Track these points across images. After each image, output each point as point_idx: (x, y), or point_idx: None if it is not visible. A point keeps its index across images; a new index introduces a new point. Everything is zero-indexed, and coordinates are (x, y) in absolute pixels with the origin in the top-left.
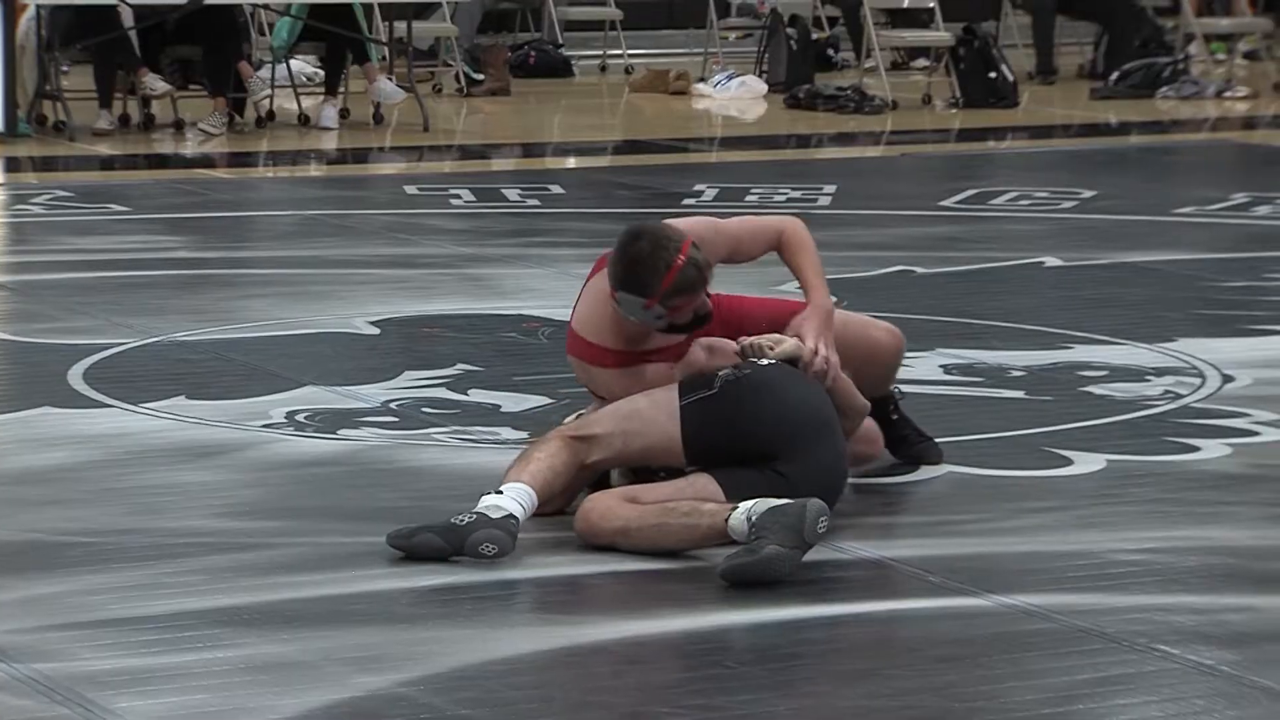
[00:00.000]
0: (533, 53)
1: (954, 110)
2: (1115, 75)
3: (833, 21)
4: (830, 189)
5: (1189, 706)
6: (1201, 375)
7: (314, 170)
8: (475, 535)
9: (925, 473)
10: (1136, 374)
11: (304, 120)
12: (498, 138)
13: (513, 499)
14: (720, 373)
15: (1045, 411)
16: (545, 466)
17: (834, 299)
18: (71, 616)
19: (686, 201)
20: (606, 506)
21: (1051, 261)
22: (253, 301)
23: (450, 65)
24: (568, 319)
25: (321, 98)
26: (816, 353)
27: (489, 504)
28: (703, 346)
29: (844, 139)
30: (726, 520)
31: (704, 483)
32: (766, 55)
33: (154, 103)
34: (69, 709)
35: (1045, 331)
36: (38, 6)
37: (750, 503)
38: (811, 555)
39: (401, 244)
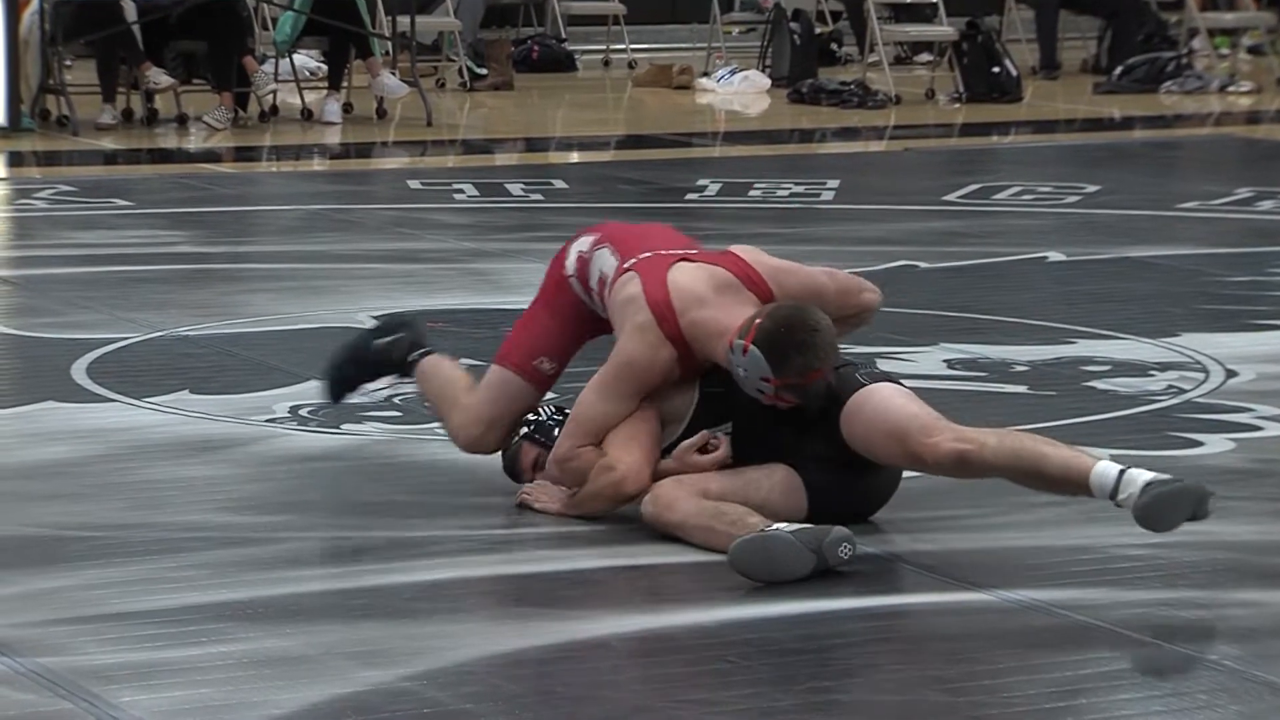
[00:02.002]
0: (536, 47)
1: (957, 105)
2: (1119, 70)
3: (836, 16)
4: (833, 184)
5: (1192, 701)
6: (1205, 370)
7: (317, 165)
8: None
9: None
10: (1140, 369)
11: (307, 115)
12: (501, 132)
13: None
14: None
15: (1048, 406)
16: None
17: None
18: (75, 611)
19: (689, 196)
20: (672, 498)
21: (1055, 256)
22: (256, 296)
23: (453, 60)
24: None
25: (325, 92)
26: None
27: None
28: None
29: (847, 134)
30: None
31: (783, 476)
32: (770, 50)
33: (157, 97)
34: (73, 703)
35: (1048, 326)
36: (41, 1)
37: (789, 526)
38: None
39: (405, 239)
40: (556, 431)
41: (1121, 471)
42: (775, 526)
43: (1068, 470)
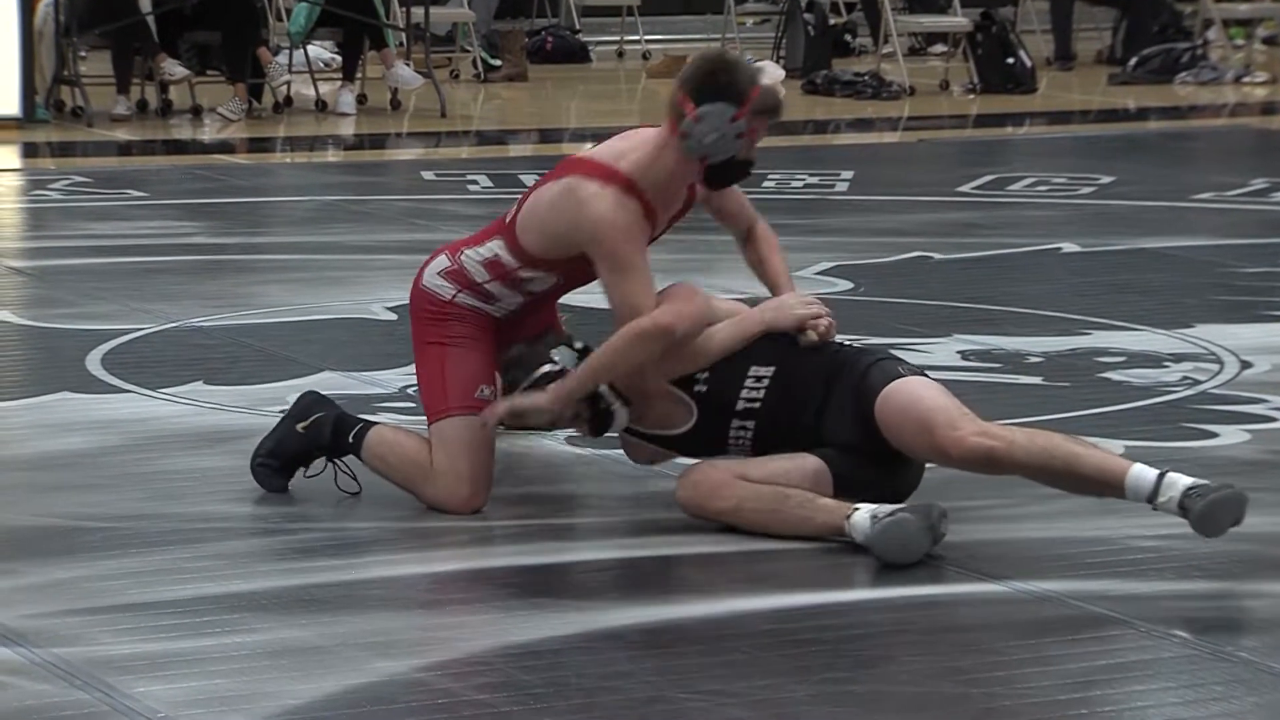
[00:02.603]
0: (550, 38)
1: (972, 96)
2: (1134, 61)
3: (850, 7)
4: (847, 175)
5: (1207, 693)
6: (1220, 361)
7: (331, 156)
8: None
9: None
10: (1154, 360)
11: (321, 106)
12: (515, 123)
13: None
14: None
15: (1063, 397)
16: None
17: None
18: (90, 601)
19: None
20: (717, 483)
21: (1069, 247)
22: (270, 287)
23: (468, 51)
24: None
25: (339, 83)
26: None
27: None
28: (771, 308)
29: (861, 124)
30: (848, 518)
31: (814, 467)
32: (784, 41)
33: (172, 88)
34: (88, 693)
35: (1063, 317)
36: None
37: (874, 507)
38: (829, 542)
39: (418, 230)
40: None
41: (1160, 475)
42: (861, 510)
43: (1102, 471)
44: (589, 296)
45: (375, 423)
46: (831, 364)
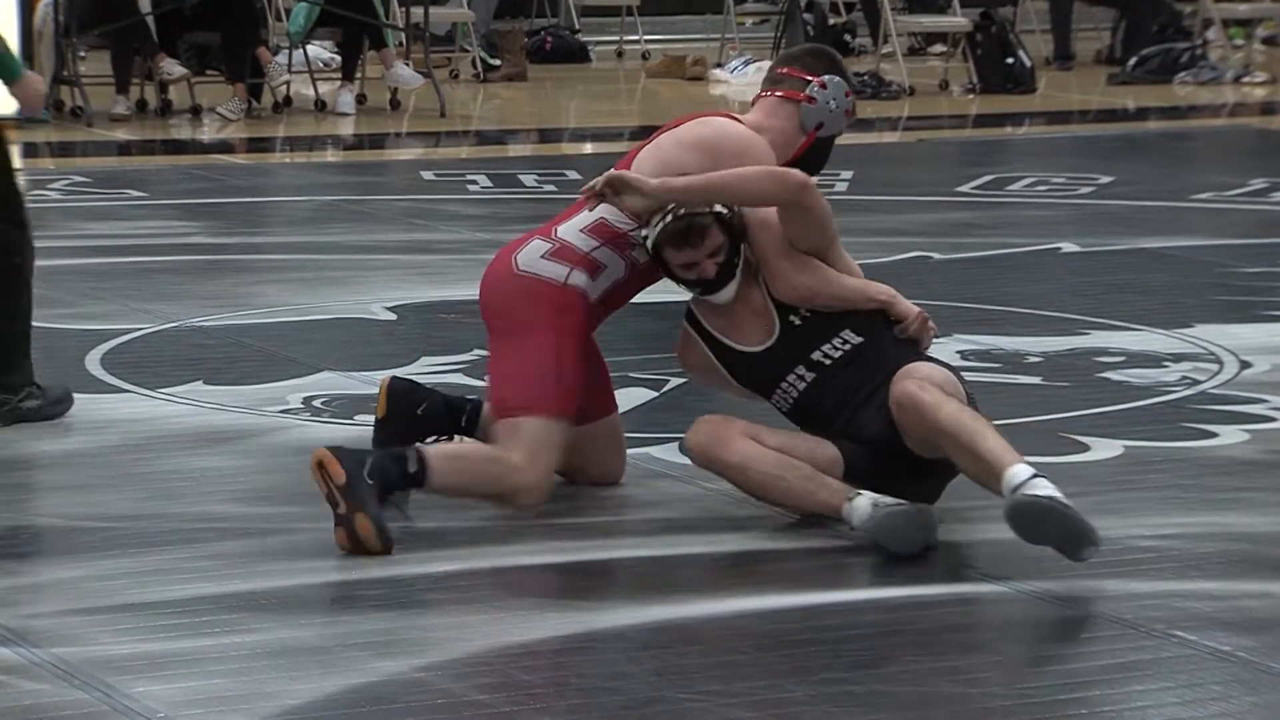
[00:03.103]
0: (549, 38)
1: (971, 96)
2: (1133, 60)
3: (850, 7)
4: (847, 175)
5: (1206, 693)
6: (1219, 361)
7: (331, 156)
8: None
9: None
10: (1154, 360)
11: (321, 106)
12: (514, 123)
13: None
14: None
15: (1062, 397)
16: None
17: None
18: (90, 601)
19: None
20: (728, 437)
21: (1069, 247)
22: (269, 287)
23: (467, 50)
24: None
25: (338, 83)
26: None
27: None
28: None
29: (861, 124)
30: (849, 500)
31: (826, 451)
32: (783, 40)
33: (171, 88)
34: (87, 693)
35: (1062, 317)
36: None
37: (877, 495)
38: (829, 542)
39: (418, 229)
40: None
41: (1030, 478)
42: (872, 495)
43: (994, 456)
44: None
45: (423, 451)
46: (898, 362)
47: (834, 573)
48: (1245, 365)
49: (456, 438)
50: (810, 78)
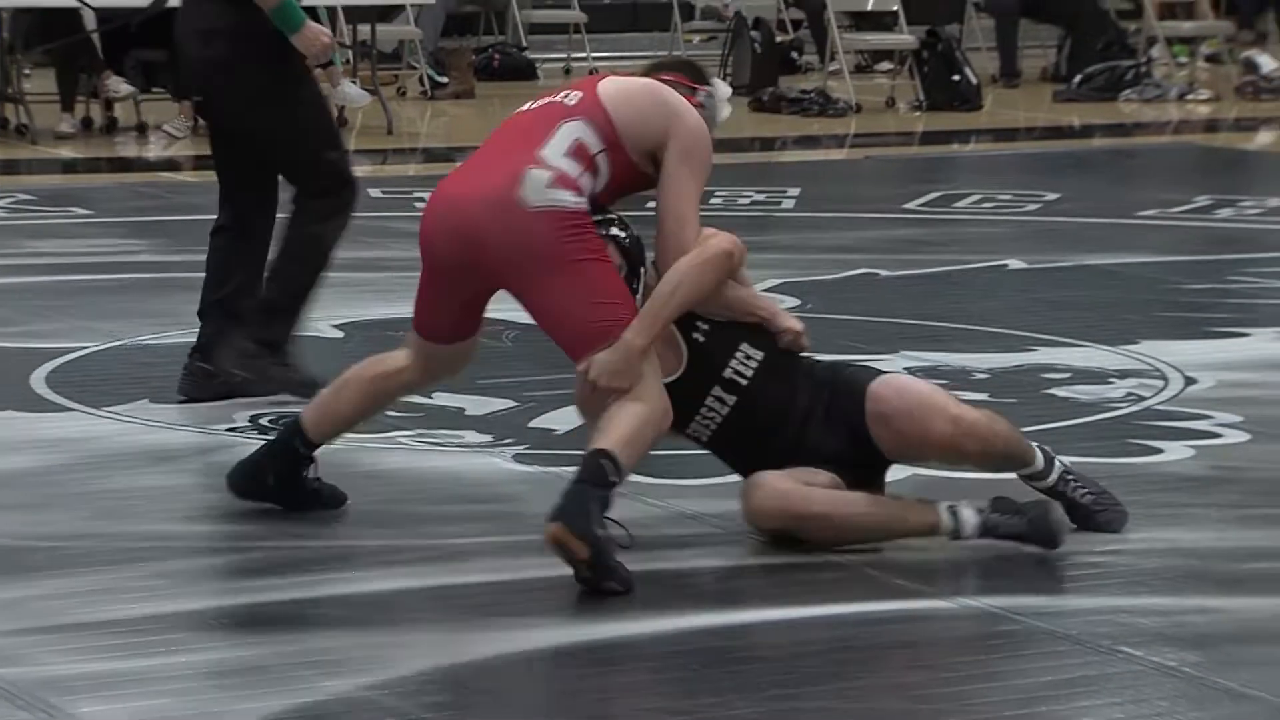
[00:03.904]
0: (497, 55)
1: (918, 113)
2: (1078, 78)
3: (797, 25)
4: (794, 192)
5: (1152, 708)
6: (1164, 377)
7: None
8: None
9: (890, 475)
10: (1099, 376)
11: None
12: (462, 141)
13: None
14: None
15: (1009, 414)
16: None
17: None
18: (34, 621)
19: (650, 205)
20: (794, 489)
21: (1015, 264)
22: None
23: (414, 68)
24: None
25: None
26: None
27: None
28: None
29: (808, 142)
30: (949, 512)
31: (828, 479)
32: (730, 58)
33: (117, 106)
34: (31, 713)
35: (1009, 334)
36: None
37: (963, 502)
38: (777, 558)
39: (366, 247)
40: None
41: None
42: (966, 502)
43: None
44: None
45: (613, 452)
46: (810, 375)
47: (780, 589)
48: (1190, 381)
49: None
50: (696, 86)
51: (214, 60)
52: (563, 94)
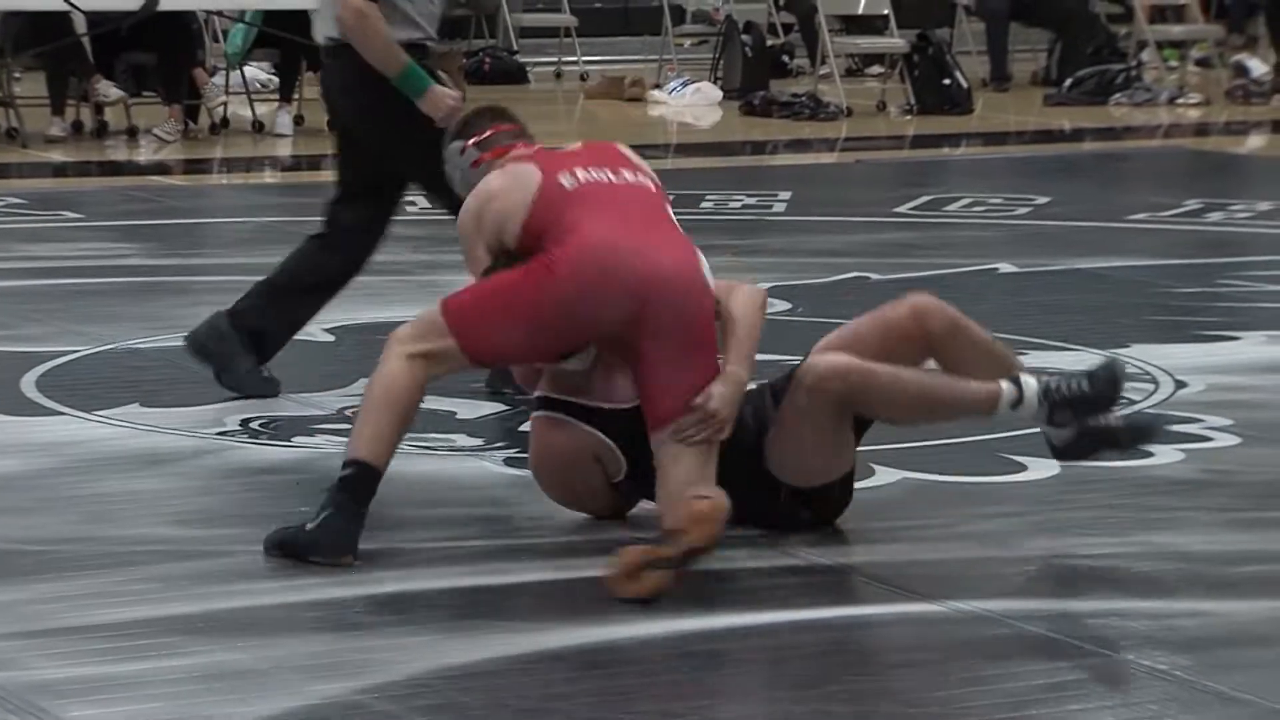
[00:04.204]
0: (487, 59)
1: (908, 117)
2: (1069, 82)
3: (787, 28)
4: (785, 195)
5: (1143, 711)
6: (1155, 381)
7: (268, 177)
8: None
9: (880, 479)
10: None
11: (258, 127)
12: None
13: None
14: None
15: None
16: None
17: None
18: (24, 625)
19: None
20: (867, 364)
21: (1006, 268)
22: (207, 309)
23: None
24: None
25: (276, 104)
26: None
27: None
28: None
29: (799, 145)
30: (1009, 380)
31: None
32: (721, 62)
33: (107, 109)
34: (21, 718)
35: (1000, 338)
36: None
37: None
38: (768, 561)
39: None
40: None
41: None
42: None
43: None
44: None
45: None
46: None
47: (772, 593)
48: (1181, 385)
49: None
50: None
51: (351, 110)
52: (633, 173)
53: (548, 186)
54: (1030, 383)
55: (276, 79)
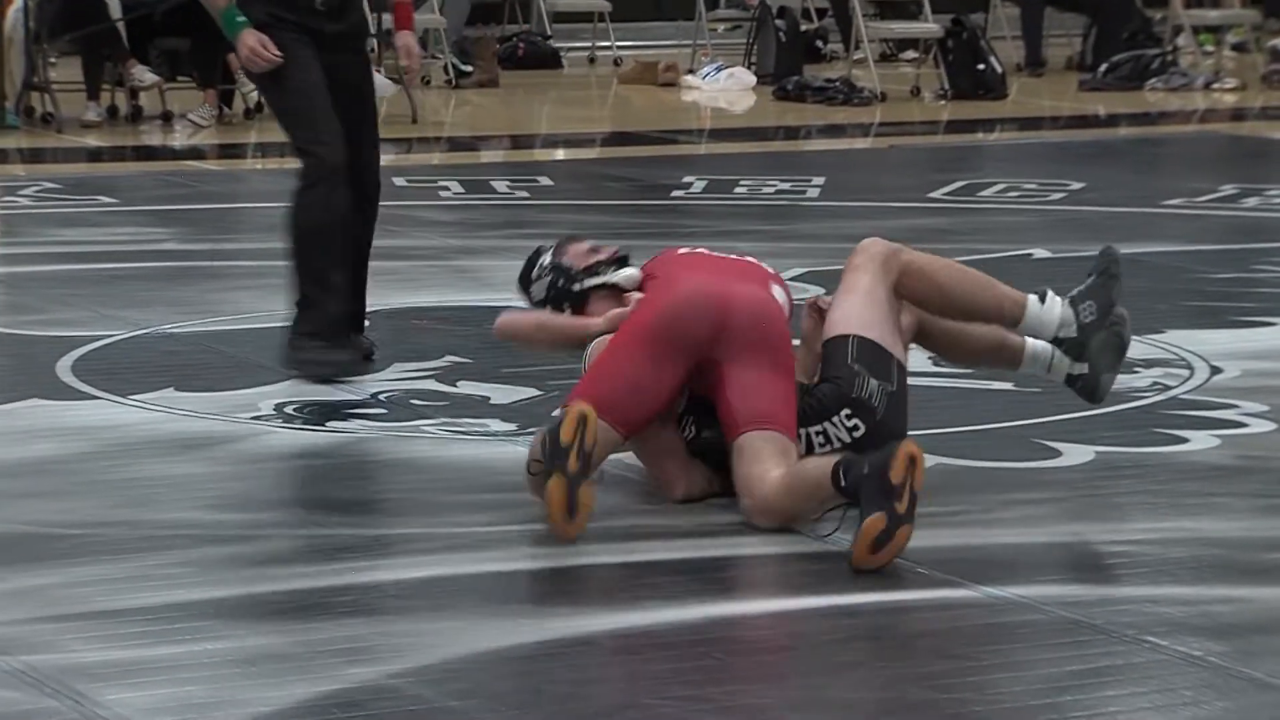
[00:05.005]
0: (521, 44)
1: (942, 102)
2: (1104, 67)
3: (821, 13)
4: (819, 181)
5: (1177, 698)
6: (1190, 367)
7: None
8: None
9: None
10: (1125, 366)
11: None
12: (486, 130)
13: None
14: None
15: (1034, 403)
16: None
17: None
18: (61, 608)
19: (675, 193)
20: (906, 253)
21: (1040, 253)
22: (241, 293)
23: (439, 57)
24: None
25: None
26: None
27: None
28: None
29: (833, 130)
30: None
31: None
32: (755, 47)
33: (142, 94)
34: (58, 701)
35: None
36: None
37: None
38: (801, 546)
39: (390, 236)
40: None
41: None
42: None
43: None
44: None
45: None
46: None
47: (804, 578)
48: (1216, 371)
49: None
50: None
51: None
52: (749, 260)
53: (664, 254)
54: (1052, 293)
55: None
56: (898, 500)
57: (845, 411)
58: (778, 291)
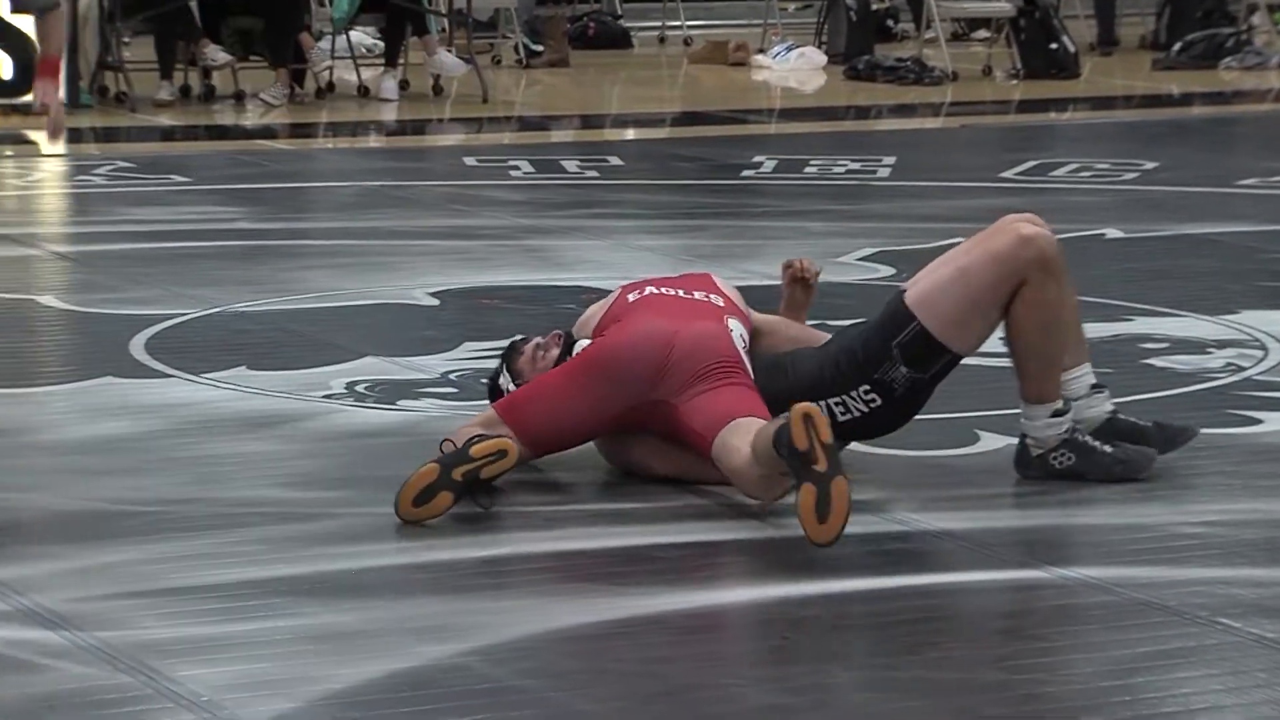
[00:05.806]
0: (592, 24)
1: (1014, 81)
2: (1178, 46)
3: None
4: (889, 160)
5: (1250, 680)
6: (1264, 348)
7: (373, 141)
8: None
9: (985, 445)
10: (1198, 346)
11: (364, 92)
12: (556, 109)
13: None
14: None
15: (1107, 384)
16: None
17: None
18: (134, 585)
19: (745, 173)
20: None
21: (1113, 233)
22: (312, 273)
23: (509, 37)
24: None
25: (381, 69)
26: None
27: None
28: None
29: (903, 110)
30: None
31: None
32: (826, 26)
33: (215, 74)
34: (131, 677)
35: (1107, 304)
36: None
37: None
38: (872, 528)
39: (460, 215)
40: None
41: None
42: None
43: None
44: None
45: None
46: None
47: (876, 559)
48: None
49: None
50: None
51: None
52: (706, 294)
53: (618, 300)
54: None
55: (382, 44)
56: (814, 463)
57: (864, 388)
58: (734, 323)
